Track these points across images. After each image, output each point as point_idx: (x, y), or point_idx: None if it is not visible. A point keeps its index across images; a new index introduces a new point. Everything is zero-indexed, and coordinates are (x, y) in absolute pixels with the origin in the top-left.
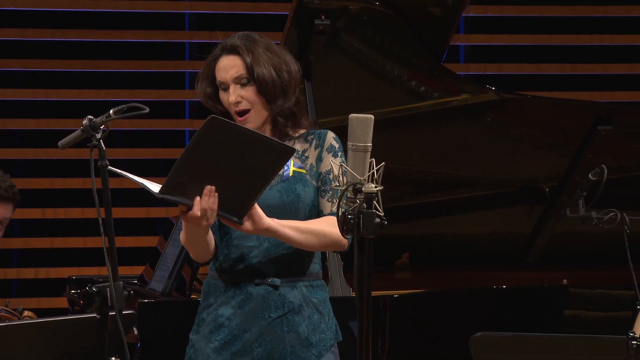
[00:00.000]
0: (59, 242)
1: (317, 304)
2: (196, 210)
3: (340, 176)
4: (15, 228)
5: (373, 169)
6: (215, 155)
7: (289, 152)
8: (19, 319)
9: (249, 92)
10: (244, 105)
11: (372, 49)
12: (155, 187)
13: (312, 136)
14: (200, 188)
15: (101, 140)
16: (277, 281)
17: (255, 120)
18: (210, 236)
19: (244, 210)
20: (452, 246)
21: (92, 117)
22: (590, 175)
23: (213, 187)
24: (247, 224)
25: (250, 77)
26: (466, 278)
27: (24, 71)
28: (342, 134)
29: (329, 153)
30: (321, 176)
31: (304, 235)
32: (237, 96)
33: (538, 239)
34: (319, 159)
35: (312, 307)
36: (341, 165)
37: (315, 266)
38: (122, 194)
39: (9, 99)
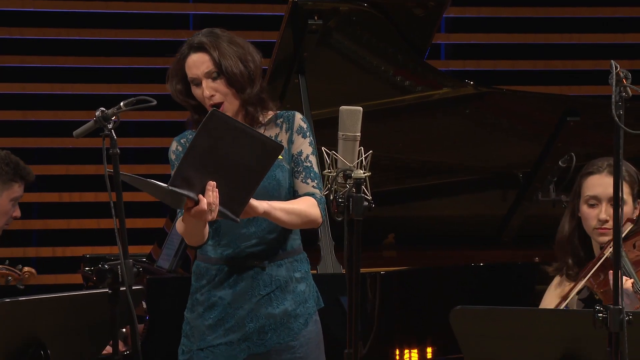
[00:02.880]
0: (74, 224)
1: (300, 278)
2: (203, 205)
3: (331, 163)
4: (35, 210)
5: (362, 156)
6: (217, 149)
7: (279, 149)
8: (19, 274)
9: (220, 85)
10: (217, 98)
11: (360, 46)
12: (163, 184)
13: (281, 119)
14: (203, 183)
15: (112, 130)
16: (266, 263)
17: (229, 110)
18: (206, 225)
19: (240, 207)
20: (434, 227)
21: (104, 109)
22: (560, 162)
23: (214, 182)
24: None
25: (220, 71)
26: (447, 256)
27: (42, 67)
28: (334, 124)
29: (298, 134)
30: (293, 157)
31: (290, 216)
32: (210, 90)
33: (512, 220)
34: (290, 141)
35: (296, 281)
36: (333, 153)
37: (297, 242)
38: None
39: (28, 93)
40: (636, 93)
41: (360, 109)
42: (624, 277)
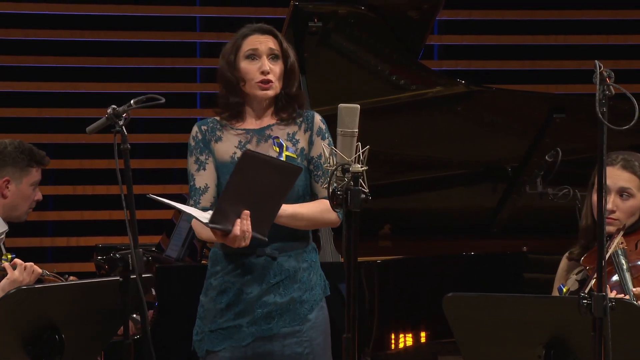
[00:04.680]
0: (87, 215)
1: (308, 267)
2: (238, 233)
3: (331, 157)
4: (50, 202)
5: (359, 151)
6: (247, 183)
7: (299, 171)
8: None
9: (277, 68)
10: (271, 77)
11: (358, 47)
12: (202, 216)
13: (300, 119)
14: (237, 212)
15: (123, 127)
16: (276, 253)
17: (275, 92)
18: None
19: (267, 226)
20: (427, 218)
21: (115, 107)
22: (547, 157)
23: (248, 212)
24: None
25: (281, 56)
26: (440, 246)
27: (56, 67)
28: (333, 121)
29: (318, 136)
30: (313, 160)
31: (304, 223)
32: (268, 67)
33: (502, 212)
34: (310, 142)
35: (303, 270)
36: (332, 149)
37: (306, 233)
38: (142, 173)
39: (44, 91)
40: (619, 91)
41: (358, 106)
42: (619, 295)
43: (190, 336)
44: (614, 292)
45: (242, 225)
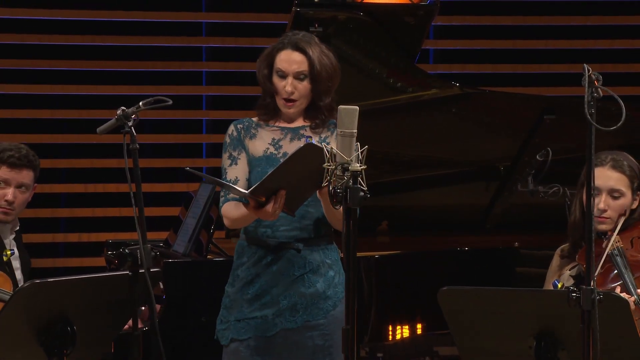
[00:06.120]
0: (98, 212)
1: (332, 264)
2: (269, 210)
3: (331, 157)
4: (62, 200)
5: (358, 151)
6: (295, 168)
7: (315, 147)
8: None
9: (303, 86)
10: (295, 96)
11: (357, 51)
12: (240, 188)
13: (332, 125)
14: (274, 190)
15: (132, 127)
16: (301, 246)
17: (298, 108)
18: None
19: (298, 205)
20: (423, 215)
21: (125, 108)
22: (537, 156)
23: (284, 192)
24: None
25: (309, 75)
26: (435, 241)
27: (69, 70)
28: None
29: None
30: None
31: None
32: (292, 87)
33: (494, 209)
34: None
35: (327, 266)
36: (332, 148)
37: (329, 231)
38: (150, 171)
39: (57, 94)
40: (606, 93)
41: (357, 108)
42: (626, 295)
43: (196, 328)
44: (623, 292)
45: (276, 202)
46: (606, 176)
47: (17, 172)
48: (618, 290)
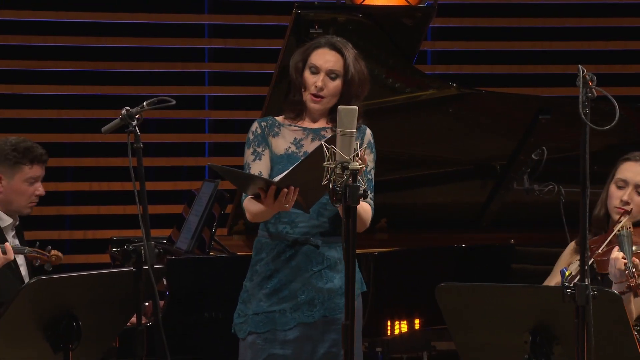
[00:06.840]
0: (103, 210)
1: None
2: (272, 202)
3: (331, 156)
4: (68, 198)
5: (357, 150)
6: (310, 167)
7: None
8: (48, 256)
9: (333, 86)
10: (324, 93)
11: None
12: (266, 178)
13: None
14: (288, 184)
15: (136, 127)
16: (319, 242)
17: (324, 106)
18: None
19: (312, 202)
20: (421, 212)
21: (129, 108)
22: (533, 155)
23: (295, 189)
24: None
25: (342, 75)
26: (433, 238)
27: (74, 71)
28: None
29: (367, 149)
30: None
31: (361, 217)
32: (323, 83)
33: (491, 206)
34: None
35: (343, 263)
36: (331, 148)
37: None
38: (154, 170)
39: (63, 94)
40: (600, 94)
41: (356, 108)
42: (620, 254)
43: (199, 323)
44: (619, 253)
45: (284, 194)
46: (636, 170)
47: (44, 169)
48: (616, 249)
